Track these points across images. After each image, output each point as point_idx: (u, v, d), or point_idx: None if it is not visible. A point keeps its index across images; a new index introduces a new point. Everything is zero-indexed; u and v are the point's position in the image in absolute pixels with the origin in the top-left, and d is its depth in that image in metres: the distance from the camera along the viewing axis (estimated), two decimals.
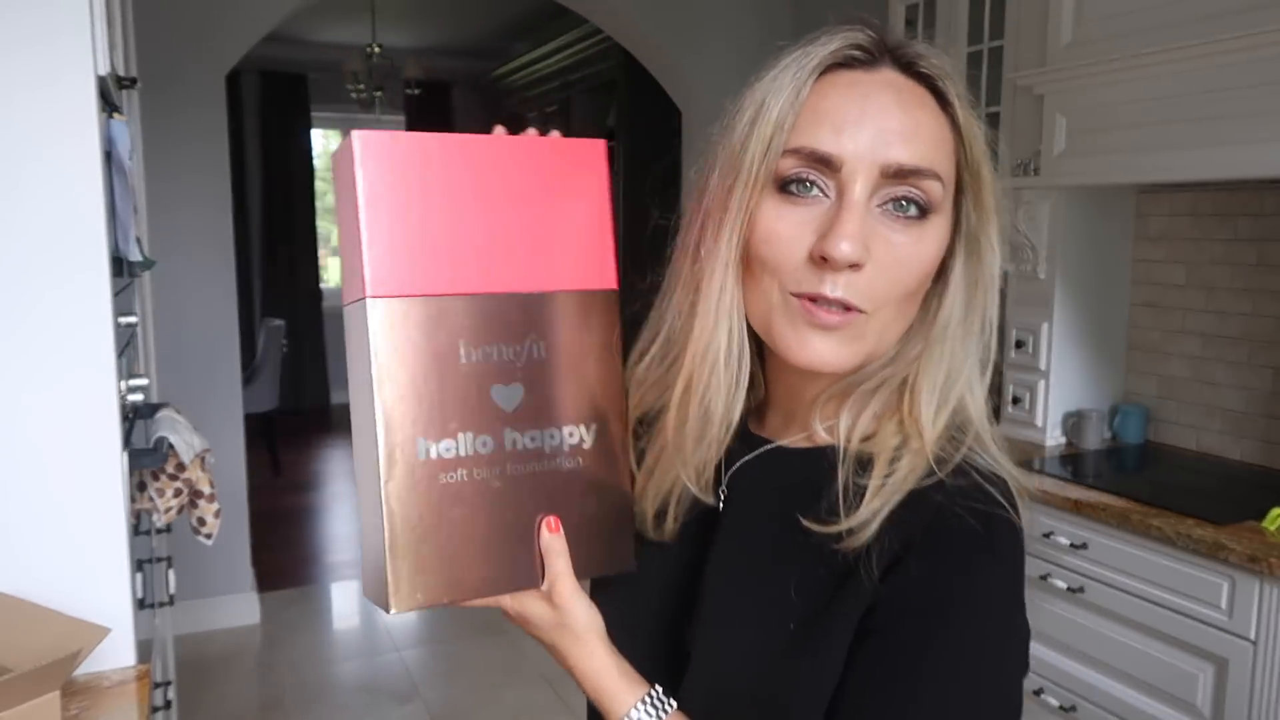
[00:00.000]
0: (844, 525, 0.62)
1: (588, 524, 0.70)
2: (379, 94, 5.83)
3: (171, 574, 1.72)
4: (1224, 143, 1.89)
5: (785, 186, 0.63)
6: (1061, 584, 2.06)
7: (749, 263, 0.65)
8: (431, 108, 7.23)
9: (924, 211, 0.63)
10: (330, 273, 7.64)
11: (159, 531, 1.86)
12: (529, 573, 0.68)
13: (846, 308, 0.62)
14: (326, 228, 7.55)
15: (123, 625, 1.23)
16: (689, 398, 0.69)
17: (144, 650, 1.36)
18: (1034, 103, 2.38)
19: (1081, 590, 2.03)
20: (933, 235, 0.64)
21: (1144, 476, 2.30)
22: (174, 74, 3.14)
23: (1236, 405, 2.31)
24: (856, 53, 0.64)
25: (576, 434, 0.69)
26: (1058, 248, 2.42)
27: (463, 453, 0.65)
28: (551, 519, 0.68)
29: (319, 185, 7.29)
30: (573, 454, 0.69)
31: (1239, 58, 1.84)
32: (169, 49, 3.11)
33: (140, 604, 1.35)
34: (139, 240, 1.51)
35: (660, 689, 0.69)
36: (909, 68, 0.64)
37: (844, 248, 0.60)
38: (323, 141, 7.49)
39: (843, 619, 0.63)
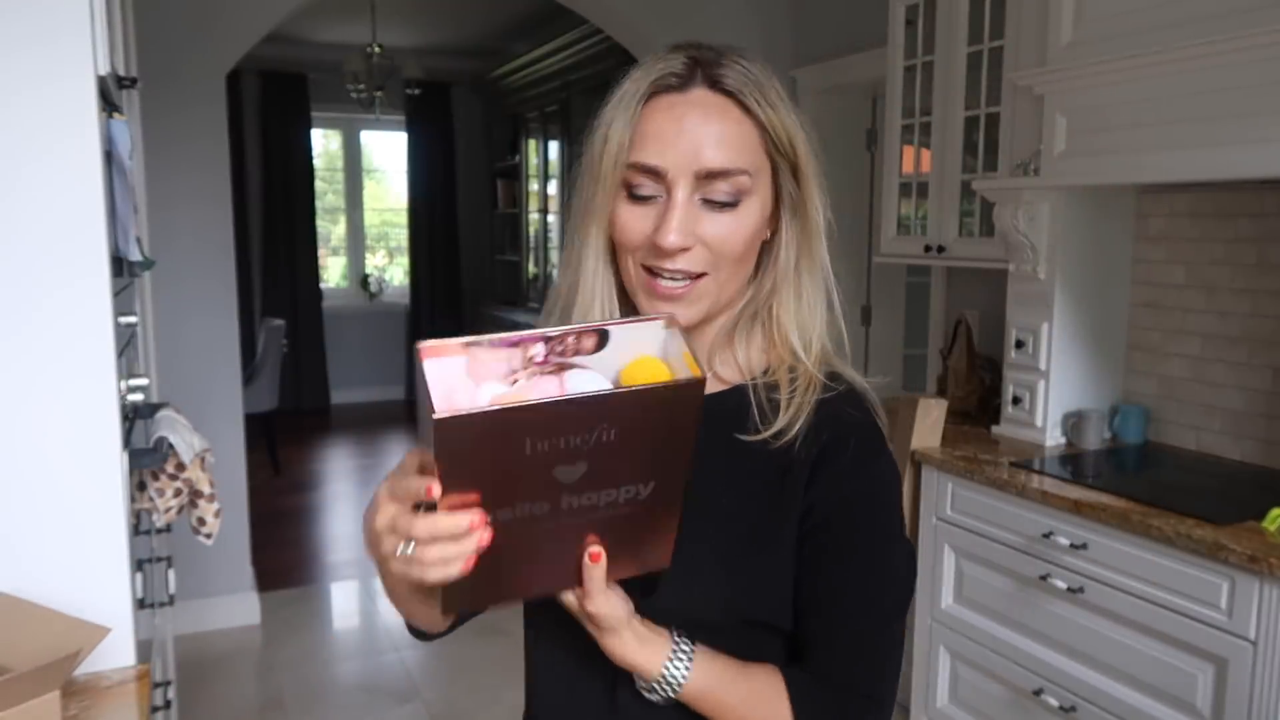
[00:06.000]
0: (774, 428, 0.82)
1: (634, 543, 0.74)
2: (379, 94, 5.83)
3: (171, 574, 1.72)
4: (1224, 143, 1.90)
5: (631, 191, 0.81)
6: (1061, 584, 2.06)
7: (616, 248, 0.84)
8: (431, 108, 7.23)
9: (736, 200, 0.81)
10: (330, 273, 7.64)
11: (159, 531, 1.85)
12: (568, 578, 0.75)
13: (688, 276, 0.81)
14: (326, 228, 7.55)
15: (123, 625, 1.23)
16: None
17: (144, 650, 1.36)
18: (1034, 103, 2.38)
19: (1081, 591, 2.03)
20: (747, 214, 0.82)
21: (1144, 476, 2.30)
22: (174, 74, 3.15)
23: (1236, 405, 2.31)
24: (672, 79, 0.80)
25: (633, 490, 0.69)
26: (1058, 248, 2.42)
27: (518, 515, 0.67)
28: (594, 550, 0.73)
29: (319, 185, 7.29)
30: (628, 505, 0.70)
31: (1238, 58, 1.85)
32: (169, 49, 3.11)
33: (140, 604, 1.35)
34: (139, 240, 1.51)
35: (678, 635, 0.80)
36: (715, 85, 0.80)
37: (670, 239, 0.79)
38: (323, 141, 7.49)
39: (784, 518, 0.82)
